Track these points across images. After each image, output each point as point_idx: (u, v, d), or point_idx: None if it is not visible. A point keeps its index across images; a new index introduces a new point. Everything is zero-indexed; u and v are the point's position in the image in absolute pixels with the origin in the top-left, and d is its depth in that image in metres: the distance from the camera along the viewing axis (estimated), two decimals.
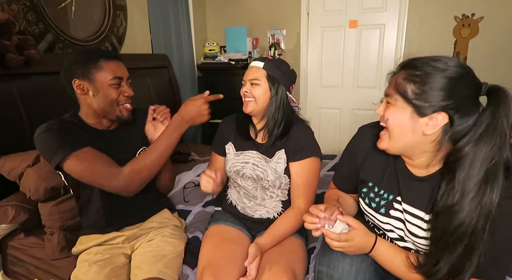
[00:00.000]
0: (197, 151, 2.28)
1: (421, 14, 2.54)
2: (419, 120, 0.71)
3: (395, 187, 0.84)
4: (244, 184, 1.17)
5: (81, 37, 1.84)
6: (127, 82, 1.10)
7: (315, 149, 1.13)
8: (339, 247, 0.78)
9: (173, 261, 1.06)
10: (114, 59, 1.06)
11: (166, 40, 2.50)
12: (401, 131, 0.74)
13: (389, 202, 0.85)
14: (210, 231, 1.16)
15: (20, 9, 1.47)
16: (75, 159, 0.97)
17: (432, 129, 0.70)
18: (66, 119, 1.09)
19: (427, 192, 0.78)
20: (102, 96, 1.03)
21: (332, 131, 3.05)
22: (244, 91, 1.11)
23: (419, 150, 0.76)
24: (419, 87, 0.70)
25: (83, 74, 1.01)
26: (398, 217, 0.84)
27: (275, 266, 0.96)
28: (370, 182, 0.90)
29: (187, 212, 1.47)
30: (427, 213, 0.78)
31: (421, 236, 0.79)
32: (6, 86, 1.31)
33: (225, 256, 1.01)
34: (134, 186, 1.03)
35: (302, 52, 2.94)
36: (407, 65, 0.74)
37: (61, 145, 0.98)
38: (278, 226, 1.09)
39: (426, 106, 0.69)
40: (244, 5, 3.02)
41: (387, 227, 0.87)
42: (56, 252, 1.20)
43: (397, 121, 0.74)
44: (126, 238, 1.13)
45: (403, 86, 0.72)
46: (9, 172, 1.22)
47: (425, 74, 0.69)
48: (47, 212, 1.22)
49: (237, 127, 1.20)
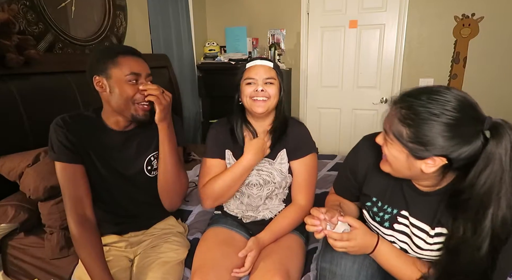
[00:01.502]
0: (197, 151, 2.28)
1: (421, 14, 2.54)
2: (415, 161, 0.70)
3: (400, 202, 0.84)
4: (249, 192, 1.15)
5: (81, 37, 1.84)
6: (147, 79, 1.03)
7: (312, 145, 1.15)
8: (342, 248, 0.79)
9: (175, 268, 1.07)
10: (132, 55, 1.02)
11: (166, 40, 2.50)
12: (400, 167, 0.75)
13: (393, 216, 0.85)
14: (206, 234, 1.16)
15: (20, 9, 1.47)
16: (60, 168, 1.00)
17: (430, 168, 0.70)
18: (86, 114, 1.08)
19: (433, 207, 0.78)
20: (118, 93, 0.99)
21: (332, 131, 3.05)
22: (259, 90, 1.06)
23: (420, 178, 0.77)
24: (414, 132, 0.68)
25: (102, 70, 0.99)
26: (402, 230, 0.84)
27: (268, 262, 0.97)
28: (374, 197, 0.89)
29: (188, 212, 1.47)
30: (432, 228, 0.78)
31: (426, 248, 0.80)
32: (6, 86, 1.31)
33: (216, 258, 1.01)
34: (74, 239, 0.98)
35: (302, 52, 2.94)
36: (402, 103, 0.71)
37: (53, 148, 1.00)
38: (278, 222, 1.09)
39: (423, 150, 0.68)
40: (244, 5, 3.02)
41: (390, 239, 0.87)
42: (55, 251, 1.20)
43: (395, 159, 0.74)
44: (129, 243, 1.13)
45: (399, 128, 0.70)
46: (9, 172, 1.22)
47: (420, 120, 0.67)
48: (47, 211, 1.22)
49: (233, 134, 1.15)
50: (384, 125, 0.77)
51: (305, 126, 1.18)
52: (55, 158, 1.00)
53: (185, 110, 2.71)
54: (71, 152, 1.00)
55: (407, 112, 0.69)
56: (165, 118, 1.01)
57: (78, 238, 0.95)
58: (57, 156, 1.00)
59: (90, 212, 1.00)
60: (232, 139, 1.15)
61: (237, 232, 1.15)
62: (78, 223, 0.96)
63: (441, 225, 0.77)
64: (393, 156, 0.74)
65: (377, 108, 2.85)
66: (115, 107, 1.02)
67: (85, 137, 1.03)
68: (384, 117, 0.77)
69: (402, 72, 2.70)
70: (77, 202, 0.98)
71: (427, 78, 2.65)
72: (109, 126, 1.07)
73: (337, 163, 2.07)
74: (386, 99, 2.79)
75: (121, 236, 1.14)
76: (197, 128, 2.93)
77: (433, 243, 0.78)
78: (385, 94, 2.79)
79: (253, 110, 1.08)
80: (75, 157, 1.00)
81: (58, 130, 1.00)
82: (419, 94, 0.70)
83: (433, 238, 0.78)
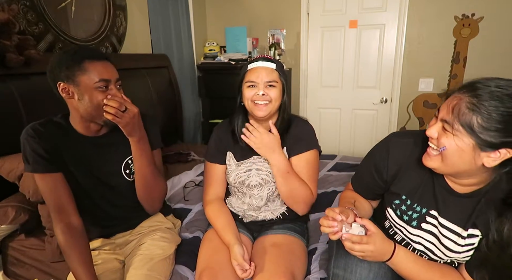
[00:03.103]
0: (197, 151, 2.27)
1: (421, 14, 2.54)
2: (480, 153, 0.67)
3: (430, 201, 0.82)
4: (250, 193, 1.15)
5: (81, 37, 1.84)
6: (116, 85, 0.98)
7: (313, 142, 1.13)
8: (360, 251, 0.75)
9: (160, 263, 1.04)
10: (100, 60, 0.96)
11: (166, 40, 2.50)
12: (458, 160, 0.70)
13: (421, 216, 0.83)
14: (209, 233, 1.15)
15: (20, 9, 1.47)
16: (38, 178, 0.98)
17: (493, 162, 0.66)
18: (55, 120, 1.04)
19: (468, 209, 0.76)
20: (87, 100, 0.94)
21: (332, 131, 3.05)
22: (260, 93, 1.04)
23: (469, 174, 0.73)
24: (486, 120, 0.64)
25: (67, 76, 0.93)
26: (430, 230, 0.82)
27: (274, 267, 0.95)
28: (404, 195, 0.86)
29: (188, 211, 1.47)
30: (465, 229, 0.76)
31: (456, 250, 0.78)
32: (6, 86, 1.30)
33: (223, 260, 1.00)
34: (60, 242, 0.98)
35: (302, 52, 2.94)
36: (474, 89, 0.66)
37: (28, 160, 0.97)
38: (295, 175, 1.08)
39: (492, 142, 0.64)
40: (244, 5, 3.02)
41: (416, 239, 0.85)
42: (56, 254, 1.19)
43: (456, 151, 0.69)
44: (117, 245, 1.12)
45: (468, 116, 0.65)
46: (8, 173, 1.22)
47: (493, 108, 0.63)
48: (47, 214, 1.22)
49: (235, 135, 1.15)
50: (442, 116, 0.71)
51: (309, 124, 1.16)
52: (31, 170, 0.97)
53: (185, 110, 2.70)
54: (47, 161, 0.96)
55: (478, 100, 0.65)
56: (131, 133, 0.99)
57: (64, 246, 0.94)
58: (33, 167, 0.96)
59: (75, 219, 0.98)
60: (233, 140, 1.15)
61: (240, 232, 1.14)
62: (63, 231, 0.95)
63: (476, 227, 0.75)
64: (455, 150, 0.68)
65: (377, 108, 2.85)
66: (84, 114, 0.98)
67: (58, 145, 1.00)
68: (441, 106, 0.73)
69: (402, 72, 2.70)
70: (61, 211, 0.97)
71: (427, 78, 2.65)
72: (79, 132, 1.04)
73: (337, 163, 2.07)
74: (386, 99, 2.79)
75: (108, 239, 1.12)
76: (197, 128, 2.93)
77: (464, 245, 0.76)
78: (385, 94, 2.80)
79: (254, 113, 1.07)
80: (51, 167, 0.97)
81: (30, 140, 0.96)
82: (485, 81, 0.67)
83: (465, 239, 0.76)
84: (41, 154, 0.96)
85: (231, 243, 1.01)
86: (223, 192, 1.21)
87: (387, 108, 2.82)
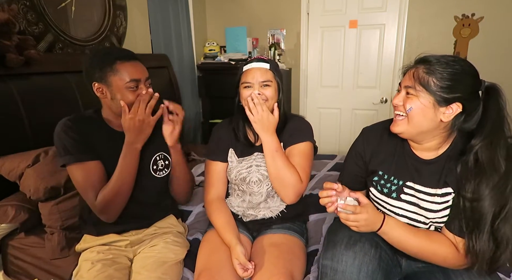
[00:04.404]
0: (197, 151, 2.28)
1: (421, 14, 2.54)
2: (439, 109, 0.81)
3: (404, 173, 0.93)
4: (250, 190, 1.15)
5: (81, 37, 1.84)
6: (146, 83, 1.05)
7: (308, 135, 1.15)
8: (354, 221, 0.83)
9: (172, 267, 1.06)
10: (130, 60, 1.02)
11: (166, 40, 2.50)
12: (422, 119, 0.83)
13: (399, 187, 0.93)
14: (208, 235, 1.15)
15: (20, 9, 1.47)
16: (75, 169, 1.00)
17: (448, 117, 0.81)
18: (87, 114, 1.10)
19: (438, 171, 0.88)
20: (119, 100, 1.01)
21: (332, 131, 3.05)
22: (256, 93, 1.06)
23: (431, 134, 0.86)
24: (440, 80, 0.79)
25: (101, 77, 0.99)
26: (410, 200, 0.91)
27: (273, 267, 0.96)
28: (380, 170, 0.97)
29: (188, 212, 1.47)
30: (439, 188, 0.87)
31: (435, 209, 0.87)
32: (6, 86, 1.31)
33: (221, 260, 1.00)
34: (105, 217, 1.04)
35: (302, 52, 2.94)
36: (425, 61, 0.83)
37: (70, 151, 0.99)
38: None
39: (446, 97, 0.79)
40: (244, 5, 3.02)
41: (399, 212, 0.93)
42: (56, 251, 1.20)
43: (420, 110, 0.82)
44: (130, 242, 1.13)
45: (426, 79, 0.81)
46: (9, 172, 1.22)
47: (443, 69, 0.79)
48: (47, 212, 1.22)
49: (236, 133, 1.18)
50: (404, 83, 0.86)
51: (304, 120, 1.19)
52: (74, 160, 0.99)
53: (185, 110, 2.70)
54: (89, 150, 1.00)
55: (432, 65, 0.81)
56: (175, 144, 1.16)
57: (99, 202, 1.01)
58: (76, 157, 0.99)
59: None
60: (235, 138, 1.18)
61: (240, 232, 1.14)
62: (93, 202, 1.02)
63: (447, 185, 0.86)
64: (419, 108, 0.82)
65: (377, 108, 2.85)
66: (117, 112, 1.04)
67: (91, 138, 1.03)
68: (401, 81, 0.88)
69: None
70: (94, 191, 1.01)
71: None
72: (112, 127, 1.08)
73: (337, 163, 2.07)
74: (386, 99, 2.79)
75: (121, 235, 1.13)
76: (197, 128, 2.94)
77: (441, 202, 0.86)
78: (385, 94, 2.80)
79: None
80: (93, 155, 1.01)
81: (68, 131, 1.00)
82: (432, 55, 0.83)
83: (441, 197, 0.86)
84: (83, 143, 1.00)
85: (232, 242, 1.01)
86: (224, 191, 1.21)
87: (387, 108, 2.81)
